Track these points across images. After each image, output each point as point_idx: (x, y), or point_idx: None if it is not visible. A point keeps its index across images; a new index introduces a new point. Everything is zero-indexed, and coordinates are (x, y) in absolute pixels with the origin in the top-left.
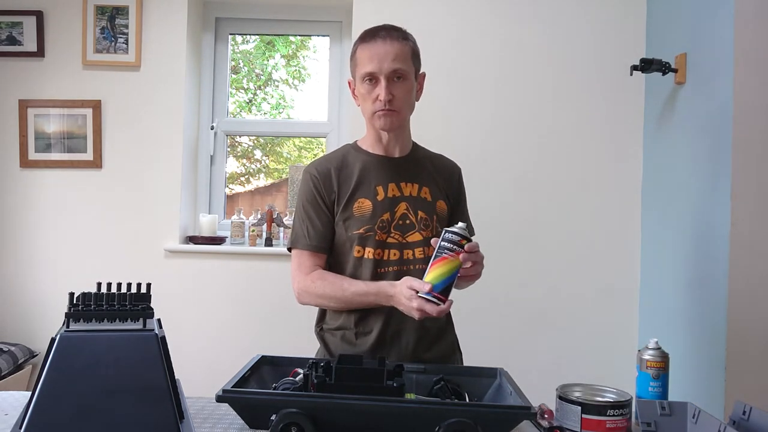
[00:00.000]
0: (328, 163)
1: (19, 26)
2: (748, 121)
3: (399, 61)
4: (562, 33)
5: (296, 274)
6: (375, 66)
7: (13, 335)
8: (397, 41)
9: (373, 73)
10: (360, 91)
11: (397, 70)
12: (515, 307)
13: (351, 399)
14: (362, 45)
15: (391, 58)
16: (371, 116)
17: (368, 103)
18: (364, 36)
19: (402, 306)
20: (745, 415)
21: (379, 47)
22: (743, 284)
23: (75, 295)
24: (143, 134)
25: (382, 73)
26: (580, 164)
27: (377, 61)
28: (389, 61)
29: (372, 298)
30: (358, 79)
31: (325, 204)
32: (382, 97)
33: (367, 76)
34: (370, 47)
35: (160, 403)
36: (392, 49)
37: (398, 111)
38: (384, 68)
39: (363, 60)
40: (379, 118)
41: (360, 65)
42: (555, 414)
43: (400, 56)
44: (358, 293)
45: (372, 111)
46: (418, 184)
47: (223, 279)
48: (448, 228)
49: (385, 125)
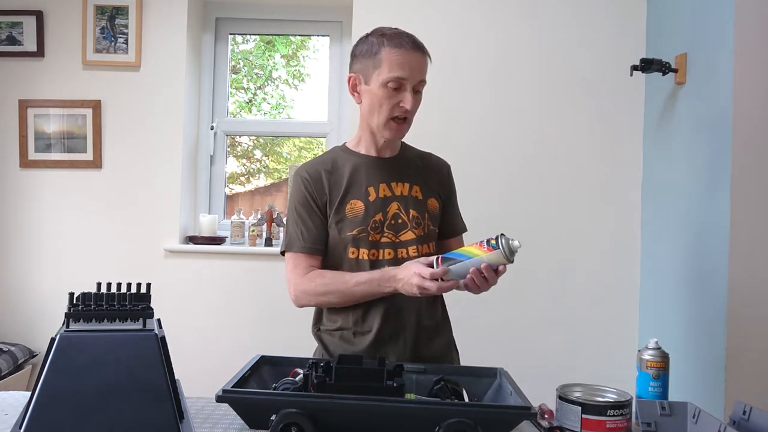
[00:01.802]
0: (319, 165)
1: (19, 26)
2: (748, 121)
3: (425, 73)
4: (562, 33)
5: (292, 277)
6: (407, 73)
7: (13, 335)
8: (424, 53)
9: (404, 80)
10: (375, 93)
11: (423, 82)
12: (515, 307)
13: (351, 399)
14: (392, 49)
15: (421, 68)
16: (384, 122)
17: (385, 107)
18: (393, 39)
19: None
20: (745, 415)
21: (411, 56)
22: (743, 284)
23: (75, 295)
24: (143, 134)
25: (411, 82)
26: (580, 164)
27: (409, 69)
28: (419, 71)
29: (375, 284)
30: (378, 81)
31: (317, 206)
32: (407, 106)
33: (393, 82)
34: (403, 53)
35: (160, 403)
36: (423, 61)
37: (410, 122)
38: (414, 77)
39: (392, 64)
40: (392, 128)
41: (387, 68)
42: (555, 414)
43: (425, 69)
44: (362, 281)
45: (387, 117)
46: (409, 183)
47: (223, 279)
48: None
49: (398, 134)
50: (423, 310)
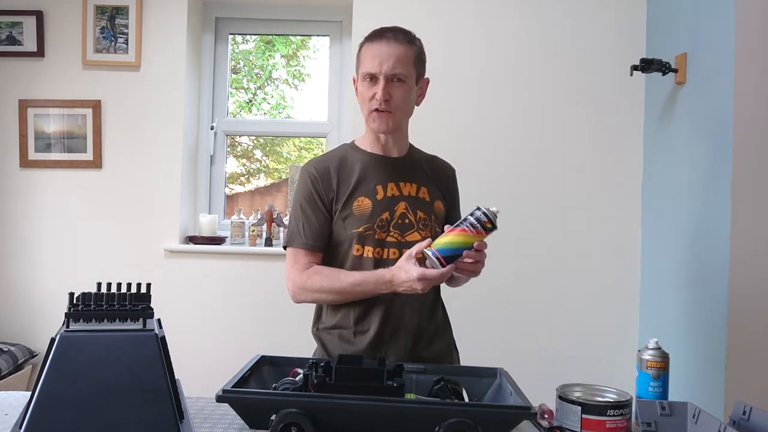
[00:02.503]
0: (327, 161)
1: (19, 26)
2: (748, 121)
3: (400, 64)
4: (562, 33)
5: (291, 272)
6: (375, 66)
7: (13, 335)
8: (402, 44)
9: (373, 73)
10: (360, 90)
11: (397, 74)
12: (515, 307)
13: (351, 399)
14: (367, 44)
15: (392, 60)
16: (368, 115)
17: (366, 101)
18: (371, 35)
19: (402, 283)
20: (745, 415)
21: (382, 48)
22: (743, 284)
23: (75, 295)
24: (143, 134)
25: (381, 74)
26: (580, 164)
27: (378, 61)
28: (390, 62)
29: (371, 286)
30: (359, 78)
31: (322, 202)
32: (378, 96)
33: (367, 76)
34: (374, 47)
35: (160, 403)
36: (395, 51)
37: (393, 112)
38: (384, 69)
39: (365, 59)
40: (374, 119)
41: (362, 64)
42: (555, 414)
43: (402, 59)
44: (356, 283)
45: (369, 110)
46: (417, 184)
47: (223, 279)
48: (481, 206)
49: (379, 127)
50: (423, 312)
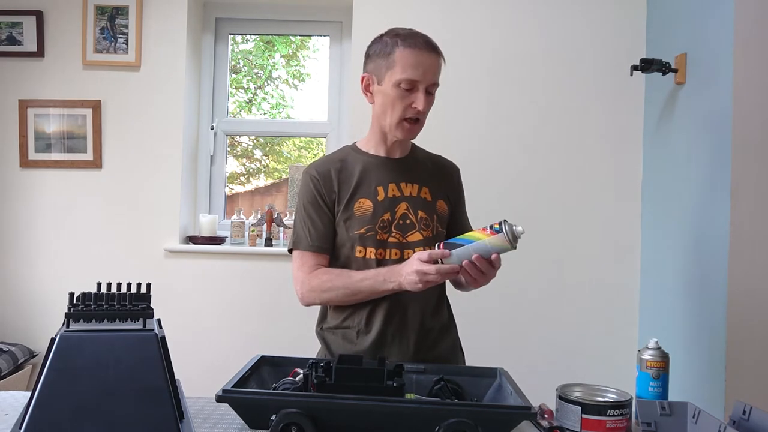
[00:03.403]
0: (328, 164)
1: (19, 26)
2: (747, 121)
3: (438, 75)
4: (562, 33)
5: (298, 275)
6: (419, 74)
7: (13, 335)
8: (437, 54)
9: (416, 81)
10: (388, 93)
11: (435, 84)
12: (515, 306)
13: (351, 399)
14: (406, 49)
15: (434, 70)
16: (396, 123)
17: (398, 108)
18: (407, 39)
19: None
20: (745, 415)
21: (424, 56)
22: (743, 284)
23: (75, 295)
24: (143, 134)
25: (423, 83)
26: (580, 164)
27: (422, 70)
28: (432, 73)
29: (381, 279)
30: (391, 82)
31: (325, 204)
32: (420, 107)
33: (406, 82)
34: (416, 54)
35: (160, 403)
36: (436, 62)
37: (422, 123)
38: (427, 79)
39: (405, 64)
40: (404, 128)
41: (399, 68)
42: (555, 414)
43: (439, 70)
44: (367, 277)
45: (400, 117)
46: (418, 185)
47: (223, 279)
48: (508, 220)
49: (410, 134)
50: (428, 312)
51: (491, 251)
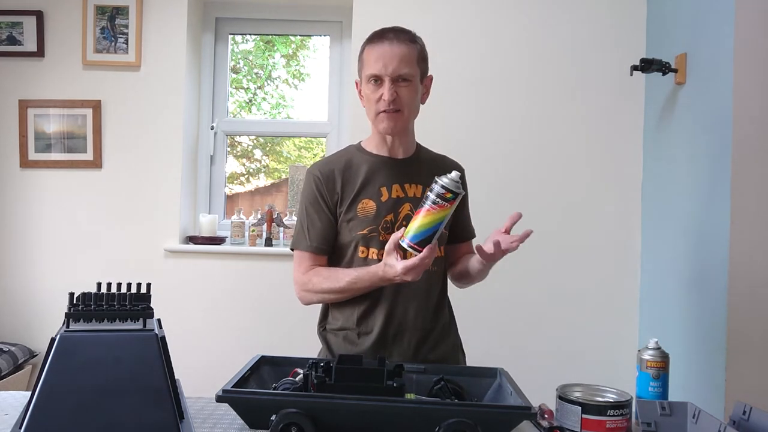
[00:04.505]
0: (332, 164)
1: (19, 26)
2: (747, 121)
3: (404, 64)
4: (562, 33)
5: (297, 275)
6: (380, 68)
7: (13, 335)
8: (404, 44)
9: (378, 75)
10: (365, 92)
11: (403, 74)
12: (515, 307)
13: (351, 399)
14: (369, 46)
15: (397, 60)
16: (375, 117)
17: (372, 103)
18: (372, 37)
19: (393, 278)
20: (745, 415)
21: (385, 49)
22: (743, 284)
23: (75, 295)
24: (143, 134)
25: (386, 75)
26: (580, 164)
27: (382, 63)
28: (395, 63)
29: (366, 283)
30: (364, 80)
31: (327, 205)
32: (385, 97)
33: (372, 78)
34: (377, 49)
35: (160, 403)
36: (399, 51)
37: (401, 111)
38: (389, 70)
39: (369, 61)
40: (383, 119)
41: (366, 66)
42: (555, 414)
43: (406, 59)
44: (351, 280)
45: (376, 112)
46: (422, 185)
47: (223, 279)
48: (438, 177)
49: (388, 128)
50: (428, 312)
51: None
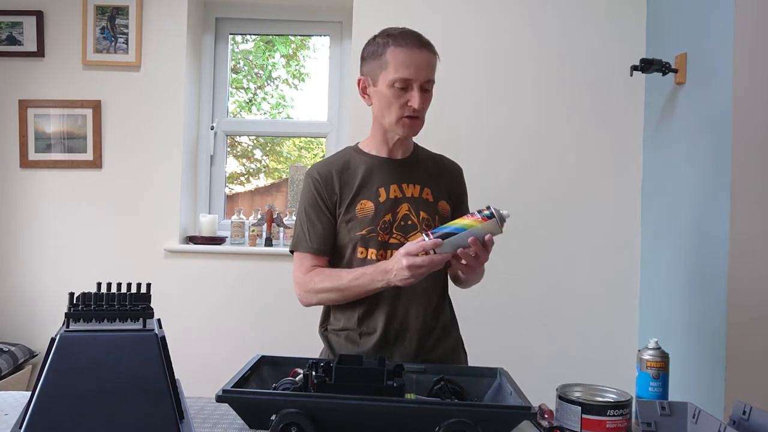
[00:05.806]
0: (330, 165)
1: (19, 26)
2: (747, 122)
3: (432, 70)
4: (562, 33)
5: (297, 276)
6: (412, 73)
7: (13, 335)
8: (430, 52)
9: (410, 80)
10: (384, 94)
11: (430, 81)
12: (515, 307)
13: (351, 399)
14: (397, 48)
15: (427, 67)
16: (395, 121)
17: (394, 107)
18: (398, 39)
19: (392, 271)
20: (745, 415)
21: (416, 54)
22: (743, 284)
23: (75, 295)
24: (143, 134)
25: (417, 81)
26: (580, 164)
27: (414, 68)
28: (425, 70)
29: (368, 278)
30: (385, 82)
31: (326, 206)
32: (415, 105)
33: (400, 82)
34: (407, 53)
35: (160, 403)
36: (428, 59)
37: (422, 119)
38: (420, 77)
39: (398, 64)
40: (404, 125)
41: (392, 68)
42: (555, 414)
43: (432, 67)
44: (355, 277)
45: (398, 116)
46: (420, 185)
47: (223, 279)
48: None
49: (410, 132)
50: (429, 311)
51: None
